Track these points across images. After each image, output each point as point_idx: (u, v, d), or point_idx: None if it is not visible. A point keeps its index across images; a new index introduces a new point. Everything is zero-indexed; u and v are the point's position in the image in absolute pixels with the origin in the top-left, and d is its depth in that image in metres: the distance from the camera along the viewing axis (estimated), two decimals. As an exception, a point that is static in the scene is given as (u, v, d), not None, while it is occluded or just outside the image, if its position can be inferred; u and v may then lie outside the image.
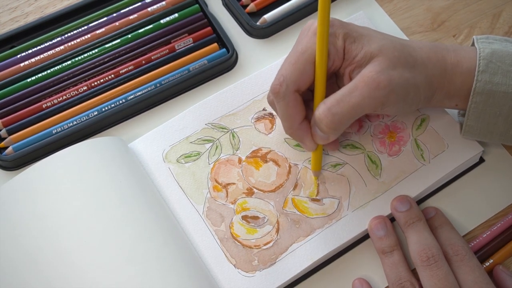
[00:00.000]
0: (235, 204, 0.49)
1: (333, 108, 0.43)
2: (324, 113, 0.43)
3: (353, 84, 0.43)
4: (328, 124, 0.44)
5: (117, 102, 0.55)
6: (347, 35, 0.44)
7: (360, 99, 0.43)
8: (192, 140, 0.52)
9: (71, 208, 0.47)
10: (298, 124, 0.46)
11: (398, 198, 0.48)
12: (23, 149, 0.53)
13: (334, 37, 0.44)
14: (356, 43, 0.44)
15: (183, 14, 0.59)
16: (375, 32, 0.46)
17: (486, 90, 0.45)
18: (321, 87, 0.45)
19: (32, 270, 0.45)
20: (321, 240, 0.47)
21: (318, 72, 0.45)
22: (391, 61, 0.43)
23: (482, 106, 0.45)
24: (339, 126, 0.44)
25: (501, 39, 0.47)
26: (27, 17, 0.61)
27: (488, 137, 0.47)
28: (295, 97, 0.45)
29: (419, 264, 0.44)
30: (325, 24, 0.43)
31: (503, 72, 0.45)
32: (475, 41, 0.47)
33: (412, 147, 0.51)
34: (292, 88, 0.45)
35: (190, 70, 0.56)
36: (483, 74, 0.45)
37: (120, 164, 0.49)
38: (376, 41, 0.44)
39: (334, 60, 0.45)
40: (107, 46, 0.57)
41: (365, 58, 0.44)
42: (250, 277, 0.46)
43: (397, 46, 0.45)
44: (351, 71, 0.45)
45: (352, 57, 0.44)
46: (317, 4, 0.59)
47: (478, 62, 0.45)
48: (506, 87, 0.44)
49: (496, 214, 0.50)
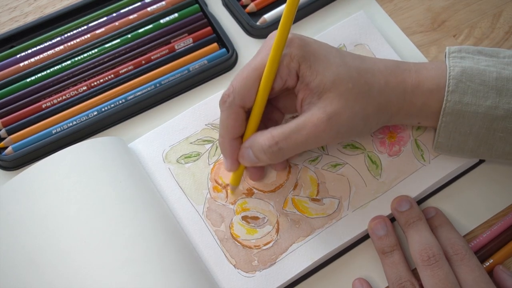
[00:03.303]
0: (235, 205, 0.49)
1: (280, 142, 0.43)
2: (270, 144, 0.43)
3: (302, 122, 0.43)
4: (270, 156, 0.44)
5: (117, 102, 0.55)
6: (302, 59, 0.44)
7: (306, 139, 0.43)
8: (192, 141, 0.52)
9: (71, 208, 0.47)
10: (231, 139, 0.46)
11: (398, 198, 0.48)
12: (23, 149, 0.52)
13: (289, 58, 0.44)
14: (312, 69, 0.44)
15: (183, 14, 0.59)
16: (333, 57, 0.45)
17: (456, 110, 0.45)
18: (259, 112, 0.45)
19: (32, 270, 0.45)
20: (321, 240, 0.47)
21: (259, 98, 0.45)
22: (342, 96, 0.43)
23: (452, 125, 0.45)
24: (279, 159, 0.45)
25: (474, 52, 0.47)
26: (27, 17, 0.61)
27: (459, 153, 0.47)
28: (237, 112, 0.45)
29: (420, 263, 0.44)
30: (278, 50, 0.43)
31: (473, 92, 0.44)
32: (446, 56, 0.47)
33: (412, 147, 0.51)
34: (238, 103, 0.44)
35: (190, 70, 0.56)
36: (452, 94, 0.45)
37: (120, 164, 0.49)
38: (331, 69, 0.44)
39: (286, 80, 0.45)
40: (106, 46, 0.57)
41: (318, 89, 0.44)
42: (250, 277, 0.46)
43: (352, 74, 0.44)
44: (303, 98, 0.45)
45: (306, 82, 0.44)
46: (317, 4, 0.60)
47: (448, 81, 0.45)
48: (475, 107, 0.44)
49: (496, 214, 0.50)
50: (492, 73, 0.45)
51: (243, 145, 0.46)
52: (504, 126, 0.44)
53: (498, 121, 0.44)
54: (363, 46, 0.55)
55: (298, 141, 0.43)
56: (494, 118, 0.44)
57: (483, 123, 0.45)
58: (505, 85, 0.44)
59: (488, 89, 0.44)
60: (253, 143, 0.45)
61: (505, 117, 0.44)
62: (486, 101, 0.44)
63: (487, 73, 0.45)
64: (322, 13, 0.60)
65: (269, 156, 0.44)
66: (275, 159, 0.45)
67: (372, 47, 0.55)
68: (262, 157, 0.44)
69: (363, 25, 0.56)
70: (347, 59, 0.45)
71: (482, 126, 0.45)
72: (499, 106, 0.44)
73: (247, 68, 0.45)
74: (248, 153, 0.45)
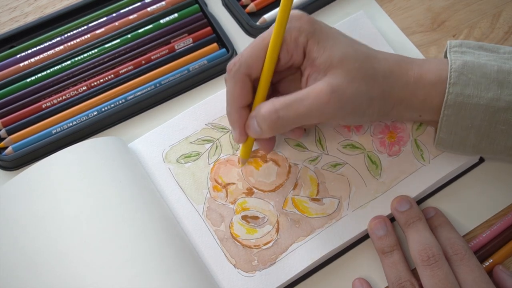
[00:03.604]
0: (235, 204, 0.49)
1: (280, 110, 0.43)
2: (270, 112, 0.43)
3: (305, 92, 0.43)
4: (270, 125, 0.44)
5: (116, 102, 0.55)
6: (311, 34, 0.44)
7: (308, 110, 0.43)
8: (192, 140, 0.52)
9: (71, 208, 0.47)
10: (238, 108, 0.46)
11: (398, 198, 0.48)
12: (23, 149, 0.52)
13: (298, 32, 0.44)
14: (320, 45, 0.44)
15: (183, 14, 0.59)
16: (342, 37, 0.45)
17: (457, 102, 0.45)
18: (266, 81, 0.45)
19: (32, 270, 0.45)
20: (321, 240, 0.47)
21: (266, 67, 0.44)
22: (349, 74, 0.43)
23: (454, 118, 0.45)
24: (279, 129, 0.44)
25: (475, 47, 0.47)
26: (27, 17, 0.61)
27: (460, 149, 0.47)
28: (243, 80, 0.45)
29: (420, 263, 0.44)
30: (283, 19, 0.43)
31: (474, 84, 0.44)
32: (447, 50, 0.47)
33: (412, 147, 0.51)
34: (244, 70, 0.44)
35: (190, 70, 0.56)
36: (454, 87, 0.44)
37: (120, 164, 0.49)
38: (340, 47, 0.44)
39: (292, 54, 0.45)
40: (106, 46, 0.57)
41: (324, 65, 0.43)
42: (250, 277, 0.46)
43: (360, 56, 0.44)
44: (309, 75, 0.45)
45: (313, 58, 0.44)
46: (317, 4, 0.60)
47: (450, 74, 0.45)
48: (477, 99, 0.44)
49: (496, 214, 0.50)
50: (493, 67, 0.45)
51: (250, 115, 0.46)
52: (506, 118, 0.44)
53: (500, 113, 0.44)
54: (363, 46, 0.55)
55: (299, 111, 0.43)
56: (496, 110, 0.44)
57: (485, 115, 0.44)
58: (506, 78, 0.44)
59: (489, 82, 0.44)
60: (257, 113, 0.44)
61: (507, 109, 0.44)
62: (488, 93, 0.44)
63: (488, 66, 0.45)
64: (322, 13, 0.60)
65: (269, 125, 0.44)
66: (275, 128, 0.44)
67: (372, 47, 0.55)
68: (264, 127, 0.44)
69: (363, 25, 0.56)
70: (354, 44, 0.46)
71: (484, 119, 0.45)
72: (501, 98, 0.44)
73: (255, 40, 0.45)
74: (253, 123, 0.45)
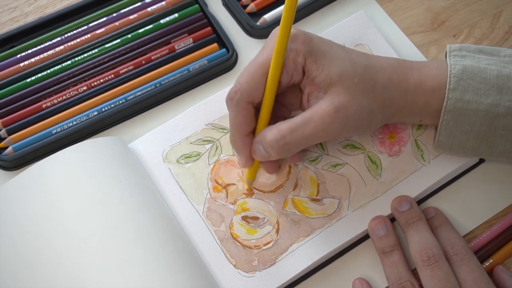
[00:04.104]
0: (235, 205, 0.49)
1: (287, 136, 0.43)
2: (276, 139, 0.43)
3: (308, 115, 0.43)
4: (277, 151, 0.44)
5: (117, 102, 0.55)
6: (308, 54, 0.44)
7: (313, 132, 0.43)
8: (192, 141, 0.52)
9: (71, 208, 0.47)
10: (242, 135, 0.46)
11: (398, 198, 0.48)
12: (23, 149, 0.52)
13: (295, 53, 0.44)
14: (317, 63, 0.44)
15: (183, 14, 0.59)
16: (339, 51, 0.45)
17: (457, 108, 0.45)
18: (268, 106, 0.45)
19: (32, 269, 0.45)
20: (321, 240, 0.47)
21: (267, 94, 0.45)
22: (349, 91, 0.43)
23: (453, 123, 0.45)
24: (287, 153, 0.45)
25: (475, 50, 0.47)
26: (27, 17, 0.61)
27: (460, 152, 0.47)
28: (246, 108, 0.45)
29: (420, 263, 0.44)
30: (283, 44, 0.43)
31: (474, 90, 0.44)
32: (447, 55, 0.47)
33: (412, 147, 0.51)
34: (246, 99, 0.44)
35: (190, 70, 0.56)
36: (453, 92, 0.45)
37: (120, 164, 0.49)
38: (337, 64, 0.44)
39: (292, 75, 0.45)
40: (107, 46, 0.57)
41: (324, 83, 0.44)
42: (250, 277, 0.46)
43: (358, 69, 0.44)
44: (310, 93, 0.45)
45: (312, 77, 0.44)
46: (317, 4, 0.60)
47: (449, 79, 0.45)
48: (476, 104, 0.44)
49: (496, 214, 0.50)
50: (493, 71, 0.45)
51: (254, 141, 0.46)
52: (505, 123, 0.44)
53: (499, 118, 0.44)
54: (363, 46, 0.55)
55: (305, 135, 0.43)
56: (495, 116, 0.44)
57: (484, 120, 0.45)
58: (506, 83, 0.45)
59: (489, 87, 0.44)
60: (262, 138, 0.45)
61: (506, 115, 0.44)
62: (487, 99, 0.44)
63: (488, 71, 0.45)
64: (322, 13, 0.60)
65: (277, 151, 0.44)
66: (283, 153, 0.44)
67: (372, 47, 0.55)
68: (271, 152, 0.44)
69: (363, 25, 0.56)
70: (351, 55, 0.46)
71: (483, 124, 0.45)
72: (500, 103, 0.44)
73: (253, 65, 0.45)
74: (259, 149, 0.45)
